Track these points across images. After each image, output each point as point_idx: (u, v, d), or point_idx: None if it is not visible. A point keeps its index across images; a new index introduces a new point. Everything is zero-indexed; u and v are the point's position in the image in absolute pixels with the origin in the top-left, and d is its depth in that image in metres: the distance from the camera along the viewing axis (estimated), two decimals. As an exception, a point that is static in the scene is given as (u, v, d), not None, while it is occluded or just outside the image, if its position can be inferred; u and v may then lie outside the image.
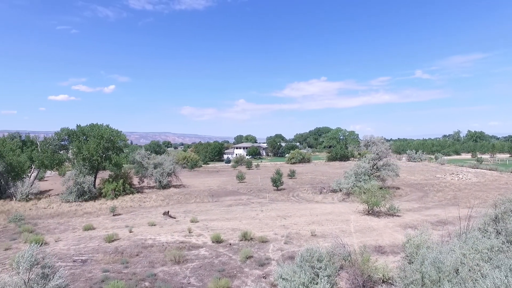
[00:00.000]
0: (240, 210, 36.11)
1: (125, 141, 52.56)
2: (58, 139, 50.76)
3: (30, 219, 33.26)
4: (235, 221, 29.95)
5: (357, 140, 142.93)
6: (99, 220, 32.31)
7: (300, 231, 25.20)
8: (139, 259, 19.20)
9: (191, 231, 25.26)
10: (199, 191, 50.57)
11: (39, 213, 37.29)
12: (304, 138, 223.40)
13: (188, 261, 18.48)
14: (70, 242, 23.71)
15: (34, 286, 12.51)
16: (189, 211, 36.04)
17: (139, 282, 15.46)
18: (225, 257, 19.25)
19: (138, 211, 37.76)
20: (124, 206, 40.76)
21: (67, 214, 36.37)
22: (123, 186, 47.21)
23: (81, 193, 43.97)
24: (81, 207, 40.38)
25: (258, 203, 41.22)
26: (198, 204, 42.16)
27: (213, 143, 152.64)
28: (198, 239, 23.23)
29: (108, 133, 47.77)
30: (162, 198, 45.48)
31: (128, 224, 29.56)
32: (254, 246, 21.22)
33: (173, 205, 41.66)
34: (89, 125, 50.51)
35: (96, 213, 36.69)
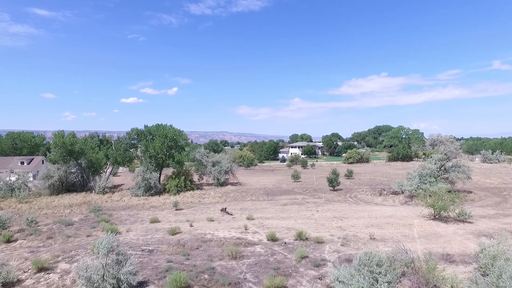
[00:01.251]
0: (295, 210, 36.01)
1: (186, 140, 55.78)
2: (129, 138, 55.78)
3: (106, 210, 37.15)
4: (290, 220, 29.97)
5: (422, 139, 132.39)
6: (163, 214, 34.80)
7: (357, 234, 24.32)
8: (199, 252, 20.28)
9: (247, 228, 25.92)
10: (254, 189, 51.55)
11: (113, 205, 41.43)
12: (362, 137, 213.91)
13: (244, 257, 19.02)
14: (139, 232, 25.95)
15: (110, 270, 14.04)
16: (245, 209, 36.97)
17: (199, 274, 16.35)
18: (280, 255, 19.43)
19: (198, 206, 39.81)
20: (185, 201, 43.29)
21: (136, 207, 39.84)
22: (185, 182, 50.16)
23: (148, 188, 47.82)
24: (148, 201, 43.90)
25: (313, 203, 40.68)
26: (253, 202, 43.02)
27: (268, 142, 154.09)
28: (254, 236, 23.75)
29: (171, 132, 51.16)
30: (219, 195, 47.32)
31: (189, 218, 31.36)
32: (309, 246, 21.05)
33: (230, 202, 43.08)
34: (155, 125, 54.60)
35: (160, 207, 39.57)
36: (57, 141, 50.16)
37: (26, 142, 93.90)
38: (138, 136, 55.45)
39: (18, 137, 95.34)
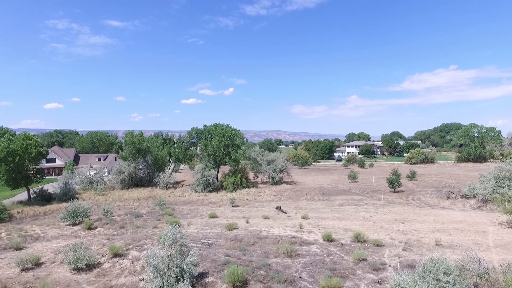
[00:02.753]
0: (352, 210, 34.88)
1: (242, 139, 57.28)
2: (189, 137, 59.13)
3: (169, 204, 39.89)
4: (346, 221, 29.16)
5: (499, 137, 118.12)
6: (221, 210, 36.27)
7: (421, 239, 22.78)
8: (255, 248, 20.80)
9: (302, 227, 25.85)
10: (309, 189, 51.01)
11: (175, 199, 44.30)
12: (426, 136, 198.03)
13: (300, 256, 19.05)
14: (198, 226, 27.45)
15: (174, 260, 15.14)
16: (300, 208, 36.84)
17: (255, 270, 16.82)
18: (336, 256, 19.07)
19: (253, 204, 40.68)
20: (241, 198, 44.53)
21: (196, 202, 42.10)
22: (241, 180, 51.60)
23: (207, 185, 50.19)
24: (206, 197, 46.09)
25: (372, 204, 38.98)
26: (308, 201, 42.62)
27: (323, 141, 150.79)
28: (309, 236, 23.62)
29: (228, 131, 52.99)
30: (274, 193, 47.75)
31: (245, 215, 32.25)
32: (368, 249, 20.30)
33: (285, 200, 43.24)
34: (213, 124, 57.03)
35: (218, 203, 41.28)
36: (127, 140, 55.22)
37: (102, 141, 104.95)
38: (198, 135, 58.42)
39: (96, 136, 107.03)
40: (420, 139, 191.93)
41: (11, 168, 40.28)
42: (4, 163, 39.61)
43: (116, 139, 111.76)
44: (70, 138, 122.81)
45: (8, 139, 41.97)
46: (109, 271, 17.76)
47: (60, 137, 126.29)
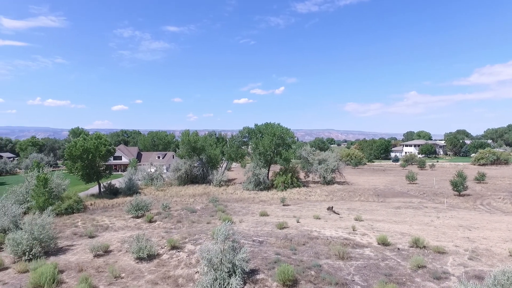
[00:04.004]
0: (411, 214, 32.81)
1: (293, 138, 57.04)
2: (241, 136, 60.52)
3: (222, 201, 41.31)
4: (404, 225, 27.55)
5: None
6: (271, 208, 36.60)
7: (491, 248, 20.66)
8: (306, 248, 20.68)
9: (355, 229, 25.03)
10: (363, 190, 49.06)
11: (228, 197, 45.72)
12: (499, 134, 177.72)
13: (352, 259, 18.51)
14: (250, 224, 28.05)
15: (227, 255, 15.71)
16: (352, 209, 35.66)
17: (306, 270, 16.74)
18: (392, 261, 18.17)
19: (304, 203, 40.35)
20: (292, 197, 44.42)
21: (247, 200, 43.00)
22: (291, 179, 51.48)
23: (258, 183, 50.95)
24: (257, 195, 46.81)
25: (433, 208, 36.26)
26: (362, 202, 41.05)
27: (378, 140, 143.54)
28: (362, 238, 22.80)
29: (279, 131, 53.18)
30: (326, 193, 46.81)
31: (296, 214, 32.15)
32: (428, 255, 18.99)
33: (337, 201, 42.17)
34: (264, 124, 57.65)
35: (269, 202, 41.69)
36: (183, 139, 58.34)
37: (161, 140, 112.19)
38: (249, 135, 59.55)
39: (155, 135, 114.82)
40: (491, 138, 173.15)
41: (86, 164, 45.01)
42: (80, 160, 44.43)
43: (173, 138, 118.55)
44: (133, 137, 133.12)
45: (83, 138, 46.99)
46: (168, 262, 19.02)
47: (125, 136, 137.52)
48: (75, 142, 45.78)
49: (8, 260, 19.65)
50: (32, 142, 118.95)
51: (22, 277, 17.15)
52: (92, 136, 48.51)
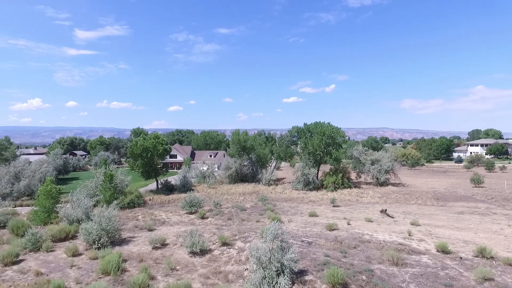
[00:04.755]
0: (476, 220, 30.02)
1: (344, 137, 55.40)
2: (290, 136, 60.37)
3: (271, 200, 41.68)
4: (467, 232, 25.33)
5: None
6: (321, 209, 36.03)
7: None
8: (356, 251, 20.08)
9: (411, 234, 23.65)
10: (421, 192, 45.98)
11: (277, 196, 45.96)
12: None
13: (408, 266, 17.56)
14: (298, 224, 27.96)
15: (275, 254, 15.91)
16: (408, 213, 33.67)
17: (356, 274, 16.29)
18: (453, 271, 16.88)
19: (355, 205, 39.04)
20: (342, 198, 43.24)
21: (296, 200, 42.82)
22: (342, 180, 50.09)
23: (307, 183, 50.46)
24: (306, 195, 46.38)
25: (503, 215, 32.76)
26: (419, 206, 38.52)
27: (438, 139, 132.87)
28: (419, 244, 21.48)
29: (329, 130, 52.06)
30: (379, 195, 44.75)
31: (346, 216, 31.28)
32: (496, 267, 17.29)
33: (391, 203, 40.10)
34: (313, 123, 56.85)
35: (318, 202, 41.07)
36: (234, 138, 59.93)
37: (213, 139, 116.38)
38: (298, 134, 59.17)
39: (208, 135, 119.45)
40: None
41: (145, 162, 48.50)
42: (140, 158, 48.01)
43: (224, 137, 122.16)
44: (187, 137, 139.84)
45: (143, 138, 50.68)
46: (218, 258, 19.82)
47: (180, 136, 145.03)
48: (136, 141, 49.55)
49: (81, 247, 22.05)
50: (100, 141, 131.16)
51: (92, 263, 19.14)
52: (150, 136, 52.04)
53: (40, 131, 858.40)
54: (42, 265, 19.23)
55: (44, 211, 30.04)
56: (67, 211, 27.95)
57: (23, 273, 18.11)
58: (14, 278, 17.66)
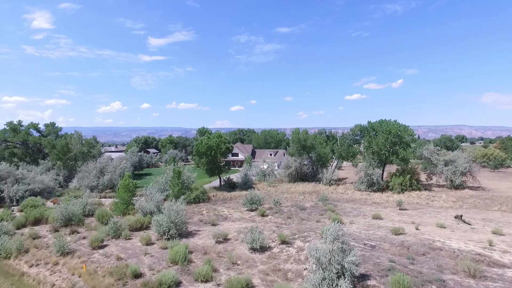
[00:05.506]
0: None
1: (412, 135, 51.45)
2: (353, 134, 58.08)
3: (331, 200, 40.71)
4: None
5: None
6: (386, 212, 34.12)
7: None
8: (426, 259, 18.67)
9: (492, 244, 21.15)
10: (505, 197, 40.62)
11: (338, 196, 44.70)
12: None
13: (487, 279, 15.81)
14: (361, 226, 26.90)
15: (336, 256, 15.60)
16: (489, 220, 30.07)
17: (425, 283, 15.19)
18: (545, 290, 14.73)
19: (425, 209, 36.13)
20: (410, 201, 40.32)
21: (358, 201, 41.15)
22: (410, 181, 46.67)
23: (370, 184, 48.11)
24: (370, 196, 44.27)
25: None
26: (503, 213, 34.11)
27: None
28: (502, 256, 19.13)
29: (395, 128, 48.86)
30: (453, 200, 40.71)
31: (415, 220, 29.16)
32: None
33: (468, 209, 36.20)
34: (378, 121, 53.89)
35: (383, 204, 38.92)
36: (293, 137, 59.77)
37: (273, 138, 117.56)
38: (361, 132, 56.65)
39: (268, 134, 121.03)
40: None
41: (209, 160, 51.11)
42: (205, 156, 50.75)
43: (284, 136, 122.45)
44: (248, 136, 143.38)
45: (207, 137, 53.44)
46: (278, 255, 20.10)
47: (241, 134, 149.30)
48: (201, 140, 52.45)
49: (153, 237, 24.22)
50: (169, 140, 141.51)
51: (163, 252, 20.93)
52: (214, 135, 54.60)
53: (120, 131, 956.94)
54: (121, 251, 21.62)
55: (123, 203, 33.60)
56: (141, 204, 30.89)
57: (107, 257, 20.59)
58: (100, 260, 20.18)
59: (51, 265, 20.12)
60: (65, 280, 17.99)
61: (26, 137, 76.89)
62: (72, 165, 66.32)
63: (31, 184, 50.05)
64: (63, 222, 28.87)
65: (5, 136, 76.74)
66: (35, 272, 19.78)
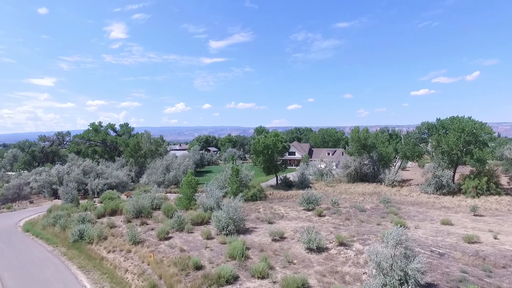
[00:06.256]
0: None
1: (491, 133, 45.87)
2: (419, 133, 53.89)
3: (394, 202, 38.38)
4: None
5: None
6: (457, 217, 31.12)
7: None
8: (506, 273, 16.66)
9: None
10: None
11: (401, 199, 41.96)
12: None
13: None
14: (428, 232, 24.93)
15: (398, 262, 14.74)
16: None
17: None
18: None
19: (506, 216, 32.09)
20: (488, 207, 36.15)
21: (425, 205, 38.11)
22: (487, 184, 41.77)
23: (439, 186, 44.18)
24: (438, 200, 40.72)
25: None
26: None
27: None
28: None
29: (470, 125, 44.10)
30: (544, 207, 35.44)
31: (492, 228, 26.12)
32: None
33: None
34: (449, 118, 49.27)
35: (454, 209, 35.54)
36: (353, 136, 57.53)
37: (331, 137, 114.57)
38: (429, 130, 52.27)
39: (326, 132, 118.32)
40: None
41: (266, 158, 51.81)
42: (262, 154, 51.58)
43: (343, 135, 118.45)
44: (305, 134, 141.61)
45: (264, 136, 54.21)
46: (335, 257, 19.65)
47: (298, 133, 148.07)
48: (258, 139, 53.39)
49: (213, 232, 25.42)
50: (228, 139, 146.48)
51: (221, 247, 21.86)
52: (271, 134, 55.14)
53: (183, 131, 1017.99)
54: (184, 243, 23.11)
55: (186, 198, 35.79)
56: (202, 200, 32.60)
57: (171, 248, 22.19)
58: (165, 250, 21.84)
59: (125, 252, 22.35)
60: (136, 267, 19.86)
61: (105, 137, 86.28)
62: (142, 162, 72.61)
63: (108, 179, 56.02)
64: (135, 214, 31.79)
65: (88, 135, 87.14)
66: (112, 257, 22.17)
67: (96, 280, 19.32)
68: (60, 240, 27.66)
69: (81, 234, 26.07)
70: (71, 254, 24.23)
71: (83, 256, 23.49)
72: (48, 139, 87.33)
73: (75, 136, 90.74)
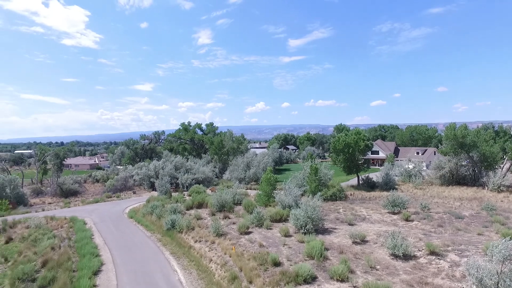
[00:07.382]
0: None
1: None
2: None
3: (501, 210, 33.00)
4: None
5: None
6: None
7: None
8: None
9: None
10: None
11: (510, 206, 35.82)
12: None
13: None
14: (548, 248, 20.77)
15: (506, 280, 12.65)
16: None
17: None
18: None
19: None
20: None
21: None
22: None
23: None
24: None
25: None
26: None
27: None
28: None
29: None
30: None
31: None
32: None
33: None
34: None
35: None
36: (448, 134, 51.21)
37: (420, 135, 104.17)
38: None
39: (414, 130, 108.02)
40: None
41: (347, 157, 49.81)
42: (342, 153, 49.78)
43: (435, 132, 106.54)
44: (391, 132, 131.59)
45: (345, 134, 52.19)
46: (425, 267, 17.85)
47: (382, 131, 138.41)
48: (338, 137, 51.62)
49: (291, 230, 25.55)
50: (307, 137, 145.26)
51: (299, 246, 21.84)
52: (352, 132, 52.75)
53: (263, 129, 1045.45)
54: (263, 239, 23.78)
55: (265, 195, 36.74)
56: (281, 197, 33.02)
57: (251, 242, 23.07)
58: (246, 244, 22.81)
59: (209, 243, 24.08)
60: (219, 258, 21.23)
61: (193, 135, 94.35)
62: (225, 159, 77.08)
63: (196, 174, 61.15)
64: (218, 208, 33.97)
65: (179, 134, 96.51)
66: (198, 247, 24.12)
67: (185, 267, 21.28)
68: (156, 227, 31.23)
69: (173, 224, 28.96)
70: (165, 241, 27.15)
71: (174, 243, 26.11)
72: (147, 138, 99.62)
73: (169, 135, 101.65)
